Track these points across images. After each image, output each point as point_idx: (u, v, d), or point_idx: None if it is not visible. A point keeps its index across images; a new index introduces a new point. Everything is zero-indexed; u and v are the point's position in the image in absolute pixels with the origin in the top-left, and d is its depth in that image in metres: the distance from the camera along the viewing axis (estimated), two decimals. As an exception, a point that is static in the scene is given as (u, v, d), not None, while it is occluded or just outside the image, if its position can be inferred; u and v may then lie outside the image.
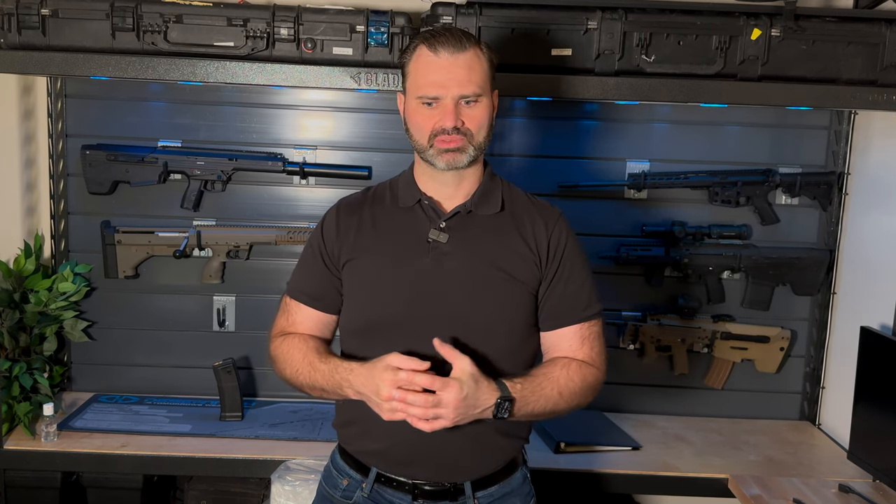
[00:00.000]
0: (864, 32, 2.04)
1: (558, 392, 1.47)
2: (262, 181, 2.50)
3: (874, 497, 2.01)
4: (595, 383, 1.54)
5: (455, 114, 1.44)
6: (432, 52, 1.45)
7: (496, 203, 1.55)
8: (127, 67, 2.02)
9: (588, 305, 1.55)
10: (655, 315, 2.53)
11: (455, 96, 1.44)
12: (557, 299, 1.53)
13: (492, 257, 1.50)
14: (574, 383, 1.49)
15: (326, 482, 1.63)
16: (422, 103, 1.46)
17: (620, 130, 2.50)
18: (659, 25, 2.03)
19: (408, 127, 1.52)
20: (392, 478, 1.53)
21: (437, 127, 1.45)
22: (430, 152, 1.48)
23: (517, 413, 1.43)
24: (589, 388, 1.52)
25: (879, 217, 2.35)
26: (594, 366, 1.54)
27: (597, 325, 1.56)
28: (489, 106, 1.49)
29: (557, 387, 1.47)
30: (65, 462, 2.18)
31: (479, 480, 1.54)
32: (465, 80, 1.44)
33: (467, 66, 1.44)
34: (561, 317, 1.54)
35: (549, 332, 1.55)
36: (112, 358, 2.55)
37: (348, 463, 1.59)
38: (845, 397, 2.24)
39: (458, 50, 1.44)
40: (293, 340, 1.58)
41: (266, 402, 2.53)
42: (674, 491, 2.31)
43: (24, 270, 2.38)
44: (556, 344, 1.55)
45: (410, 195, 1.55)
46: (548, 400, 1.46)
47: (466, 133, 1.46)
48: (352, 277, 1.55)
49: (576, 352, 1.53)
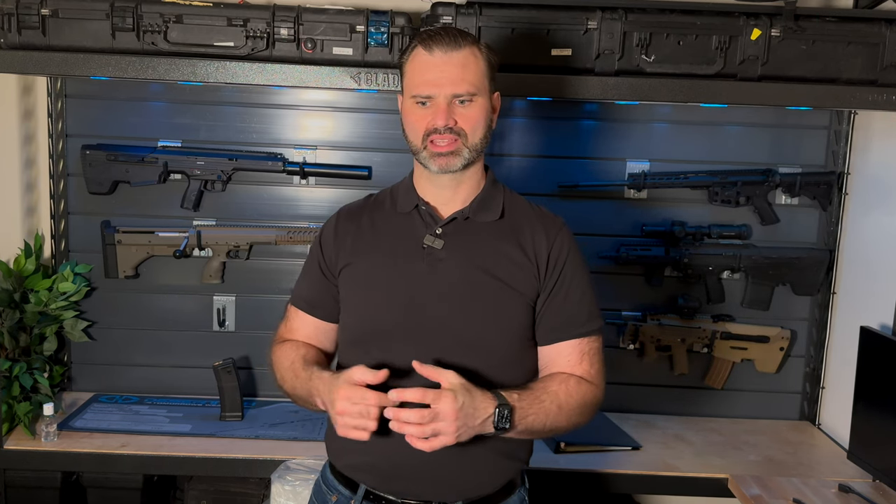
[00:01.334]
0: (864, 32, 2.04)
1: (557, 406, 1.41)
2: (262, 181, 2.50)
3: (874, 497, 2.01)
4: (593, 402, 1.48)
5: (447, 112, 1.41)
6: (427, 51, 1.43)
7: (496, 210, 1.51)
8: (127, 67, 2.02)
9: (588, 320, 1.49)
10: (655, 315, 2.53)
11: (448, 95, 1.41)
12: (556, 312, 1.48)
13: (487, 265, 1.46)
14: (573, 399, 1.43)
15: (316, 497, 1.60)
16: (416, 103, 1.44)
17: (620, 130, 2.50)
18: (659, 25, 2.03)
19: (404, 129, 1.49)
20: (381, 496, 1.48)
21: (430, 126, 1.43)
22: (424, 154, 1.45)
23: (518, 425, 1.37)
24: (587, 406, 1.46)
25: (879, 217, 2.35)
26: (593, 383, 1.48)
27: (597, 342, 1.50)
28: (485, 107, 1.45)
29: (556, 401, 1.41)
30: (65, 462, 2.18)
31: (474, 502, 1.48)
32: (459, 78, 1.41)
33: (461, 65, 1.41)
34: (559, 331, 1.48)
35: (546, 347, 1.49)
36: (112, 358, 2.55)
37: (337, 478, 1.55)
38: (845, 397, 2.24)
39: (452, 48, 1.41)
40: (286, 346, 1.57)
41: (266, 402, 2.53)
42: (674, 491, 2.31)
43: (24, 270, 2.38)
44: (554, 359, 1.49)
45: (408, 201, 1.53)
46: (547, 414, 1.40)
47: (460, 133, 1.43)
48: (347, 283, 1.53)
49: (574, 367, 1.47)
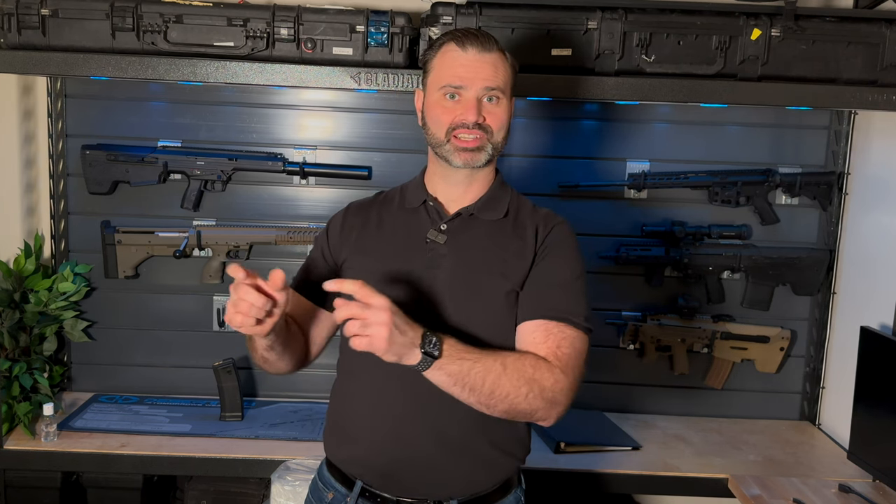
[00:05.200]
0: (864, 32, 2.04)
1: (502, 365, 1.32)
2: (262, 181, 2.50)
3: (874, 497, 2.01)
4: (551, 386, 1.35)
5: (477, 108, 1.44)
6: (460, 47, 1.45)
7: (501, 210, 1.53)
8: (127, 67, 2.02)
9: (568, 310, 1.42)
10: (655, 315, 2.53)
11: (479, 91, 1.44)
12: (531, 292, 1.45)
13: (489, 261, 1.47)
14: (524, 367, 1.34)
15: (313, 495, 1.61)
16: (444, 95, 1.45)
17: (620, 130, 2.50)
18: (659, 25, 2.03)
19: (426, 122, 1.50)
20: (376, 493, 1.49)
21: (458, 121, 1.44)
22: (447, 147, 1.46)
23: (449, 359, 1.28)
24: (539, 385, 1.34)
25: (879, 217, 2.35)
26: (556, 366, 1.37)
27: (572, 332, 1.41)
28: (509, 108, 1.49)
29: (502, 361, 1.33)
30: (65, 462, 2.18)
31: (469, 501, 1.48)
32: (491, 75, 1.44)
33: (493, 65, 1.45)
34: (530, 310, 1.43)
35: (518, 326, 1.44)
36: (112, 358, 2.55)
37: (334, 475, 1.56)
38: (845, 397, 2.24)
39: (485, 49, 1.45)
40: None
41: (266, 402, 2.53)
42: (674, 491, 2.31)
43: (24, 270, 2.38)
44: (522, 338, 1.43)
45: (417, 196, 1.55)
46: (488, 369, 1.31)
47: (486, 129, 1.45)
48: (347, 276, 1.49)
49: (538, 346, 1.39)
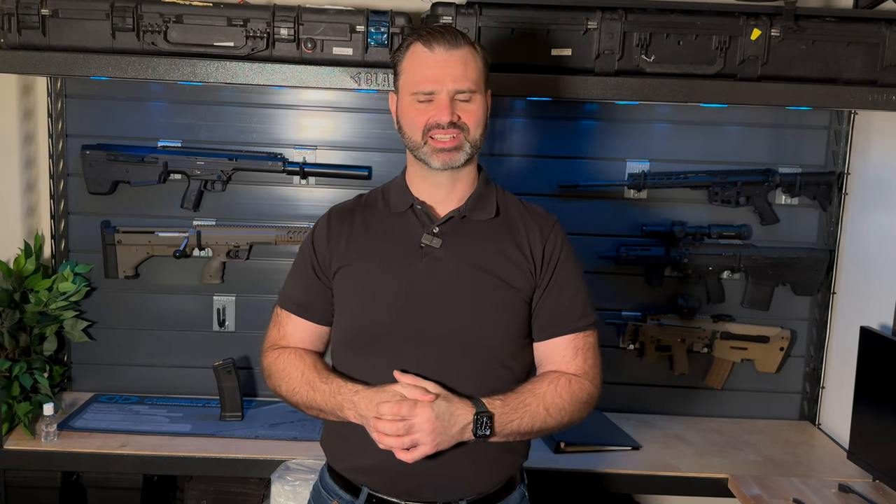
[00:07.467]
0: (864, 32, 2.04)
1: (545, 408, 1.42)
2: (261, 181, 2.49)
3: (874, 497, 2.01)
4: (587, 398, 1.48)
5: (450, 108, 1.42)
6: (427, 47, 1.43)
7: (491, 209, 1.52)
8: (127, 67, 2.02)
9: (582, 316, 1.51)
10: (655, 315, 2.53)
11: (451, 91, 1.42)
12: (551, 308, 1.49)
13: (485, 263, 1.47)
14: (562, 399, 1.44)
15: (315, 502, 1.59)
16: (416, 100, 1.44)
17: (620, 130, 2.50)
18: (659, 25, 2.03)
19: (401, 125, 1.49)
20: (384, 499, 1.47)
21: (432, 122, 1.42)
22: (425, 150, 1.45)
23: (500, 431, 1.39)
24: (579, 403, 1.46)
25: (879, 217, 2.35)
26: (587, 378, 1.49)
27: (591, 336, 1.52)
28: (484, 104, 1.47)
29: (544, 403, 1.43)
30: (65, 462, 2.18)
31: (476, 500, 1.49)
32: (461, 75, 1.42)
33: (462, 62, 1.42)
34: (554, 326, 1.49)
35: (542, 343, 1.51)
36: (112, 358, 2.55)
37: (338, 482, 1.53)
38: (845, 397, 2.24)
39: (452, 46, 1.42)
40: (289, 357, 1.54)
41: (266, 402, 2.52)
42: (674, 491, 2.31)
43: (24, 270, 2.38)
44: (549, 355, 1.50)
45: (403, 200, 1.52)
46: (534, 417, 1.42)
47: (462, 127, 1.43)
48: (343, 285, 1.51)
49: (568, 363, 1.48)
